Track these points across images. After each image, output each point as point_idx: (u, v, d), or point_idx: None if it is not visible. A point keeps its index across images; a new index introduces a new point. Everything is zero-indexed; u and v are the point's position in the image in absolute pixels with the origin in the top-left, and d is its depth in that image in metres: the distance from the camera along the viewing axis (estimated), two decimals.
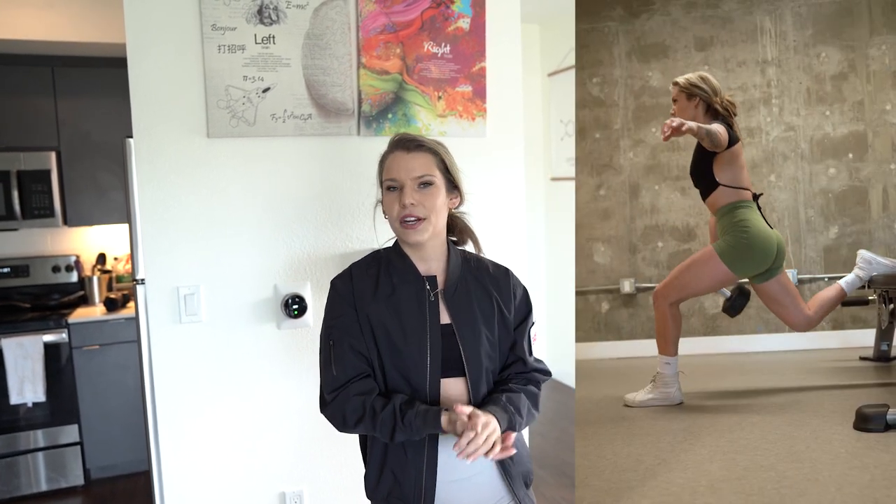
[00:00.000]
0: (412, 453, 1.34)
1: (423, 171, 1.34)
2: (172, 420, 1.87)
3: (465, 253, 1.48)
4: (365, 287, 1.39)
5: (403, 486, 1.35)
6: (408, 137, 1.39)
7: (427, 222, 1.34)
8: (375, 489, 1.41)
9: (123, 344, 3.33)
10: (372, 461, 1.42)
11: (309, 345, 1.98)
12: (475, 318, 1.38)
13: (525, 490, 1.44)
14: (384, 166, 1.40)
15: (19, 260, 3.58)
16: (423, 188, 1.35)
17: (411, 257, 1.40)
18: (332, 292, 1.43)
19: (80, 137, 3.50)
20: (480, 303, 1.40)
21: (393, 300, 1.37)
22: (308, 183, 1.95)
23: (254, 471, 1.97)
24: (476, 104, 2.09)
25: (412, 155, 1.35)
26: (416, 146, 1.36)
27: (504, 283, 1.44)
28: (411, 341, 1.34)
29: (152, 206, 1.82)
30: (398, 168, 1.35)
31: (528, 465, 1.46)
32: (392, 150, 1.39)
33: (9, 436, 3.18)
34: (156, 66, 1.79)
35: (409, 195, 1.32)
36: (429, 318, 1.35)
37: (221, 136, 1.85)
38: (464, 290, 1.40)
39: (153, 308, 1.84)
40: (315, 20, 1.90)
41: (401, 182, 1.34)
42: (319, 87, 1.92)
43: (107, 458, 3.37)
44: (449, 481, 1.35)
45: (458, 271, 1.41)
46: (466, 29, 2.06)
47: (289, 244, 1.95)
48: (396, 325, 1.35)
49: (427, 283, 1.38)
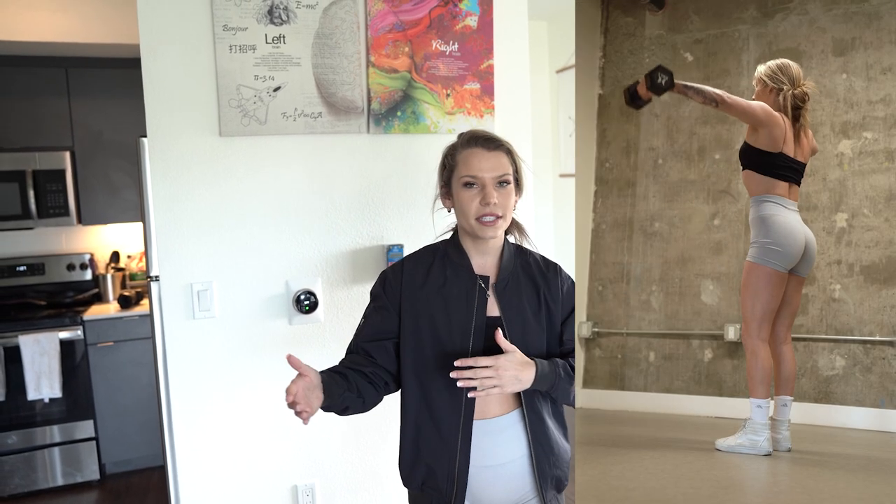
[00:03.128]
0: (446, 440, 1.37)
1: (503, 170, 1.36)
2: (186, 414, 1.91)
3: (518, 247, 1.50)
4: (416, 276, 1.43)
5: (437, 474, 1.38)
6: (487, 135, 1.40)
7: (503, 220, 1.37)
8: (410, 478, 1.44)
9: (137, 341, 3.37)
10: (405, 450, 1.44)
11: (321, 340, 2.01)
12: (524, 310, 1.41)
13: (554, 493, 1.44)
14: (458, 160, 1.39)
15: (35, 258, 3.64)
16: (501, 187, 1.37)
17: (470, 251, 1.43)
18: (378, 282, 1.47)
19: (94, 137, 3.54)
20: (529, 296, 1.42)
21: (444, 291, 1.40)
22: (318, 180, 1.98)
23: (266, 464, 2.00)
24: (484, 101, 2.11)
25: (493, 154, 1.36)
26: (496, 145, 1.38)
27: (552, 278, 1.46)
28: (455, 331, 1.37)
29: (165, 203, 1.85)
30: (479, 166, 1.35)
31: (564, 469, 1.46)
32: (469, 146, 1.39)
33: (26, 431, 3.23)
34: (169, 67, 1.82)
35: (492, 195, 1.34)
36: (476, 312, 1.38)
37: (233, 134, 1.87)
38: (514, 284, 1.42)
39: (167, 304, 1.88)
40: (324, 20, 1.92)
41: (482, 180, 1.35)
42: (329, 85, 1.94)
43: (122, 454, 3.42)
44: (482, 466, 1.38)
45: (511, 266, 1.44)
46: (474, 27, 2.07)
47: (300, 241, 1.98)
48: (443, 315, 1.38)
49: (480, 281, 1.40)
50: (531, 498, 1.41)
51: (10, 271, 3.58)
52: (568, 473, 1.46)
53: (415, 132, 2.04)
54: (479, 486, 1.38)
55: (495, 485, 1.39)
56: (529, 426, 1.38)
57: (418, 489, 1.44)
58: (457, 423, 1.36)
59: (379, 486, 2.11)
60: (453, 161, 1.40)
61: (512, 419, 1.39)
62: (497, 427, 1.38)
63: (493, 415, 1.38)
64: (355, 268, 2.03)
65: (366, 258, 2.03)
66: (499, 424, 1.38)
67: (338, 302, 2.02)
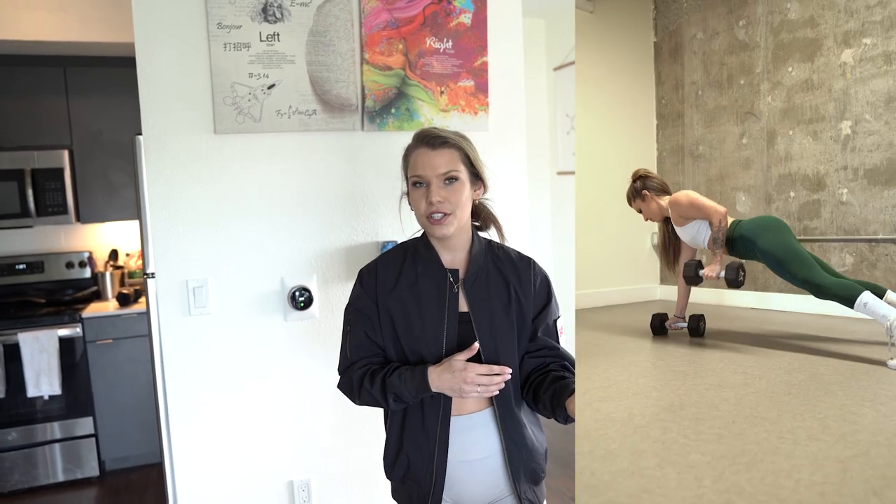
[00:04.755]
0: (426, 434, 1.39)
1: (447, 167, 1.37)
2: (182, 411, 1.92)
3: (490, 242, 1.51)
4: (388, 277, 1.44)
5: (417, 467, 1.41)
6: (432, 134, 1.41)
7: (453, 217, 1.37)
8: (392, 469, 1.47)
9: (136, 338, 3.39)
10: (389, 443, 1.47)
11: (316, 336, 2.02)
12: (491, 305, 1.41)
13: (530, 486, 1.45)
14: (409, 162, 1.42)
15: (34, 256, 3.65)
16: (449, 184, 1.37)
17: (437, 248, 1.44)
18: (357, 282, 1.49)
19: (92, 136, 3.56)
20: (498, 291, 1.43)
21: (415, 289, 1.41)
22: (313, 178, 1.99)
23: (263, 460, 2.01)
24: (478, 98, 2.12)
25: (437, 152, 1.37)
26: (440, 143, 1.38)
27: (524, 272, 1.46)
28: (428, 329, 1.38)
29: (161, 201, 1.87)
30: (423, 165, 1.37)
31: (539, 462, 1.48)
32: (416, 146, 1.41)
33: (26, 427, 3.25)
34: (164, 65, 1.84)
35: (435, 192, 1.35)
36: (448, 308, 1.39)
37: (228, 132, 1.89)
38: (483, 279, 1.43)
39: (163, 301, 1.89)
40: (318, 17, 1.94)
41: (426, 179, 1.37)
42: (323, 83, 1.96)
43: (121, 451, 3.44)
44: (458, 462, 1.40)
45: (480, 260, 1.45)
46: (468, 24, 2.08)
47: (295, 237, 1.99)
48: (416, 312, 1.40)
49: (450, 275, 1.41)
50: (507, 494, 1.43)
51: (10, 269, 3.60)
52: (543, 466, 1.49)
53: (409, 129, 2.05)
54: (456, 480, 1.41)
55: (471, 480, 1.41)
56: (501, 422, 1.40)
57: (399, 481, 1.46)
58: (436, 418, 1.38)
59: (374, 481, 2.12)
60: (406, 162, 1.44)
61: (485, 416, 1.42)
62: (471, 423, 1.41)
63: (469, 411, 1.41)
64: (350, 264, 2.04)
65: (360, 254, 2.04)
66: (473, 421, 1.41)
67: (332, 298, 2.03)
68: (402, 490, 1.47)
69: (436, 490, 1.39)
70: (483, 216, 1.54)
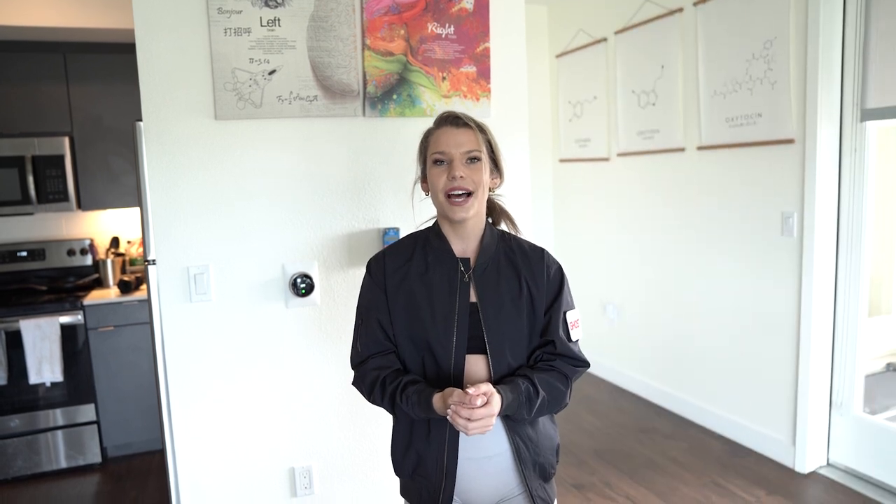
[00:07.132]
0: (435, 431, 1.38)
1: (471, 145, 1.37)
2: (184, 397, 1.92)
3: (503, 233, 1.50)
4: (397, 266, 1.43)
5: (427, 463, 1.40)
6: (456, 114, 1.41)
7: (473, 197, 1.36)
8: (401, 465, 1.45)
9: (137, 325, 3.39)
10: (397, 438, 1.46)
11: (317, 323, 2.02)
12: (500, 296, 1.39)
13: (541, 482, 1.43)
14: (430, 141, 1.42)
15: (35, 244, 3.65)
16: (471, 163, 1.37)
17: (450, 236, 1.43)
18: (366, 273, 1.48)
19: (93, 122, 3.54)
20: (508, 281, 1.41)
21: (426, 278, 1.40)
22: (314, 164, 1.98)
23: (264, 447, 2.02)
24: (480, 84, 2.10)
25: (461, 130, 1.38)
26: (464, 123, 1.39)
27: (536, 263, 1.44)
28: (438, 319, 1.37)
29: (162, 187, 1.86)
30: (447, 142, 1.37)
31: (550, 457, 1.45)
32: (440, 125, 1.41)
33: (29, 414, 3.26)
34: (164, 51, 1.82)
35: (458, 168, 1.35)
36: (458, 298, 1.38)
37: (229, 118, 1.88)
38: (493, 270, 1.41)
39: (164, 288, 1.89)
40: (319, 2, 1.92)
41: (449, 155, 1.36)
42: (324, 68, 1.94)
43: (123, 437, 3.45)
44: (468, 458, 1.39)
45: (491, 251, 1.43)
46: (470, 10, 2.06)
47: (296, 224, 1.98)
48: (426, 302, 1.38)
49: (461, 265, 1.40)
50: (518, 493, 1.42)
51: (11, 257, 3.60)
52: (552, 461, 1.46)
53: (410, 115, 2.04)
54: (466, 478, 1.39)
55: (481, 478, 1.40)
56: (510, 420, 1.38)
57: (409, 477, 1.45)
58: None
59: (375, 469, 2.13)
60: (426, 143, 1.43)
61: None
62: None
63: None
64: (351, 251, 2.04)
65: (361, 241, 2.04)
66: None
67: (334, 285, 2.03)
68: (412, 486, 1.46)
69: (447, 486, 1.37)
70: (497, 210, 1.53)
